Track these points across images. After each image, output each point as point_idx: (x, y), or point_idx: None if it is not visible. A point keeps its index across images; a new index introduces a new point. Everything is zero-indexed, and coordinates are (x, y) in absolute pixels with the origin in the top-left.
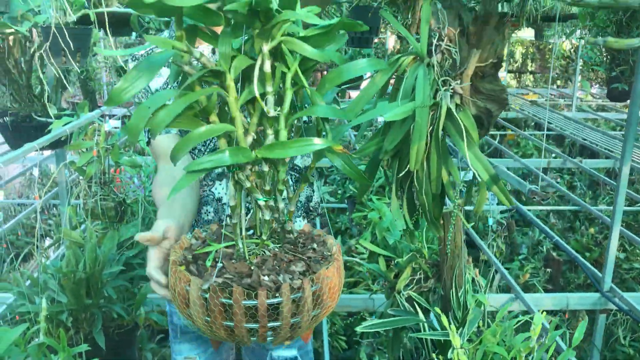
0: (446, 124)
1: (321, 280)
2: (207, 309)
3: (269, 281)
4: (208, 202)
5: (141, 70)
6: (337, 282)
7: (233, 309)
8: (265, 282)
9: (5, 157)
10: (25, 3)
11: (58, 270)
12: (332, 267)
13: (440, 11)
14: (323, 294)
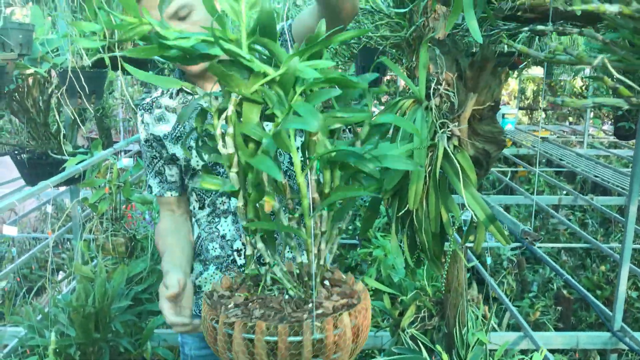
0: (444, 165)
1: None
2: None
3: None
4: (214, 239)
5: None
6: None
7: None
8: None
9: (21, 195)
10: (45, 46)
11: (68, 304)
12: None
13: (439, 56)
14: (346, 336)
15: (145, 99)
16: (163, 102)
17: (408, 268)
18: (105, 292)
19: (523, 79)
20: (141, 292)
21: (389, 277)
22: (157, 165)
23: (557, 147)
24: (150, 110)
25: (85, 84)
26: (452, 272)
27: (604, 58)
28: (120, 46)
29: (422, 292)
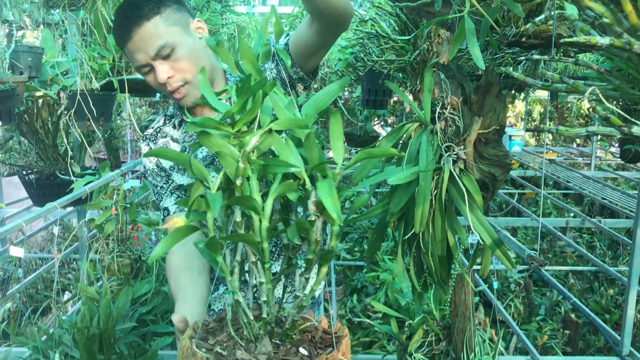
0: (450, 188)
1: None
2: None
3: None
4: None
5: None
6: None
7: None
8: None
9: (29, 216)
10: (54, 68)
11: (73, 325)
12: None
13: (444, 81)
14: None
15: (148, 128)
16: (167, 131)
17: (415, 292)
18: (110, 313)
19: (530, 101)
20: (146, 314)
21: (396, 300)
22: (174, 183)
23: (564, 169)
24: (155, 141)
25: (93, 107)
26: (459, 295)
27: (595, 88)
28: (128, 69)
29: (429, 316)
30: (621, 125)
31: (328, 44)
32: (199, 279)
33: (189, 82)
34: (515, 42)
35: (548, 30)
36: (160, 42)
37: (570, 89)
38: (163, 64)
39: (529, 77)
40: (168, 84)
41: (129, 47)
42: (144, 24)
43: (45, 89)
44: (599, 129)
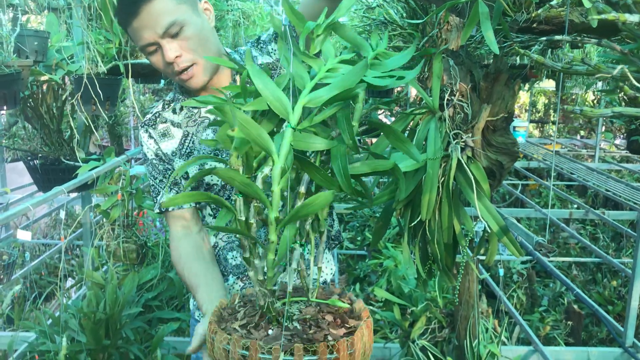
0: (457, 176)
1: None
2: None
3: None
4: (233, 248)
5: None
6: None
7: None
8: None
9: (34, 201)
10: (60, 53)
11: (79, 310)
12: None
13: (453, 67)
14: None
15: (147, 114)
16: (167, 116)
17: (419, 279)
18: (116, 299)
19: (534, 92)
20: (152, 299)
21: (399, 287)
22: (172, 178)
23: (568, 161)
24: (154, 126)
25: (100, 91)
26: (464, 284)
27: (624, 68)
28: (134, 54)
29: (432, 304)
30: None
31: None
32: (214, 268)
33: (196, 63)
34: (526, 27)
35: (560, 16)
36: (169, 19)
37: (592, 71)
38: (171, 43)
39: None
40: (175, 64)
41: (134, 25)
42: (152, 0)
43: (50, 74)
44: (627, 109)
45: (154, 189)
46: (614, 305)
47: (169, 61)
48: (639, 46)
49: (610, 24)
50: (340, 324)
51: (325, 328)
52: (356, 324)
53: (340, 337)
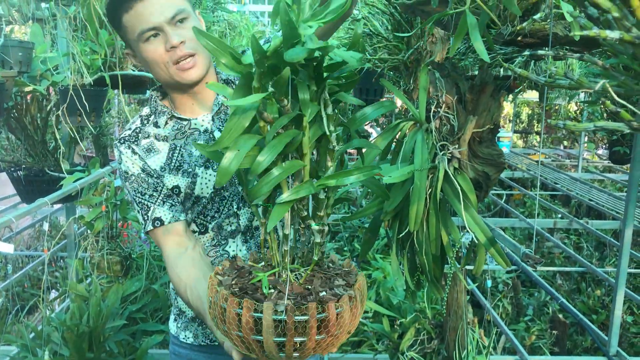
0: (444, 187)
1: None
2: (282, 330)
3: (331, 294)
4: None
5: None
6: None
7: (309, 324)
8: (327, 296)
9: (17, 213)
10: (45, 64)
11: (62, 323)
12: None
13: (439, 79)
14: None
15: (124, 130)
16: (149, 130)
17: (408, 290)
18: (99, 311)
19: (518, 103)
20: (136, 312)
21: (388, 299)
22: (164, 190)
23: (552, 171)
24: (137, 142)
25: (85, 102)
26: (452, 295)
27: (605, 83)
28: (120, 65)
29: (421, 315)
30: (630, 120)
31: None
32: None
33: (197, 54)
34: (511, 40)
35: (544, 29)
36: (180, 5)
37: (574, 85)
38: (175, 29)
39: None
40: (179, 49)
41: (138, 9)
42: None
43: (34, 85)
44: (608, 124)
45: (142, 205)
46: (598, 314)
47: (174, 45)
48: (620, 61)
49: (591, 38)
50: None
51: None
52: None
53: (329, 299)
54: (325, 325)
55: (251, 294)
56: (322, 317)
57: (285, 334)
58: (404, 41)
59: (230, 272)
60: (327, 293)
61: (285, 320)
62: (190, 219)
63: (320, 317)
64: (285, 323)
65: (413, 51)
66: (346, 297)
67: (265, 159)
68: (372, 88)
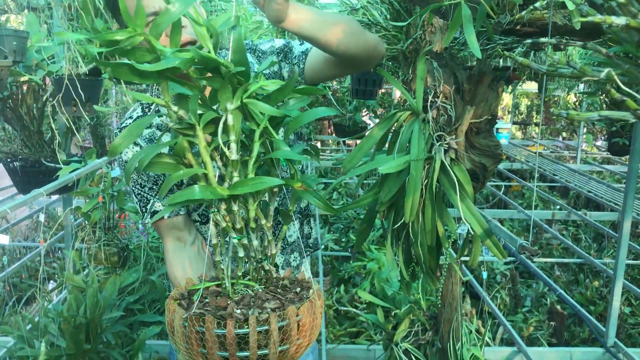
0: (441, 178)
1: (289, 317)
2: (186, 337)
3: (240, 314)
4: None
5: (132, 129)
6: (308, 321)
7: (205, 336)
8: (236, 314)
9: (14, 203)
10: (40, 53)
11: (59, 314)
12: (303, 307)
13: (436, 69)
14: (290, 330)
15: (125, 119)
16: (154, 120)
17: (403, 281)
18: (96, 303)
19: (517, 94)
20: (133, 303)
21: (382, 290)
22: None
23: (550, 162)
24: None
25: (81, 92)
26: (447, 286)
27: (610, 71)
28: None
29: (416, 306)
30: (636, 109)
31: (347, 74)
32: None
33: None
34: (510, 30)
35: (543, 18)
36: None
37: (577, 74)
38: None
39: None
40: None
41: None
42: None
43: (30, 74)
44: (613, 113)
45: (142, 197)
46: (595, 305)
47: None
48: (624, 49)
49: (592, 27)
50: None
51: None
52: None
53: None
54: (222, 343)
55: (188, 302)
56: (219, 333)
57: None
58: (403, 31)
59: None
60: (237, 312)
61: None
62: (192, 209)
63: (217, 333)
64: (187, 330)
65: (412, 41)
66: (253, 319)
67: (144, 158)
68: (370, 78)
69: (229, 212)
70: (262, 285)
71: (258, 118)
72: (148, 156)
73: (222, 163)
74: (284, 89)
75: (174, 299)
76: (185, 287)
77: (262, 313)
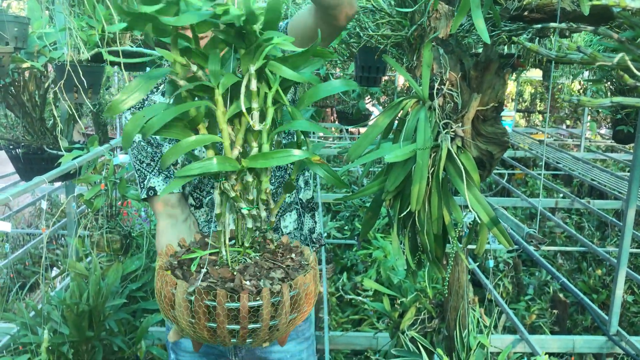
0: (447, 166)
1: (299, 286)
2: (191, 311)
3: (251, 285)
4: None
5: (139, 82)
6: (313, 288)
7: (216, 310)
8: (247, 286)
9: (16, 190)
10: (42, 39)
11: (62, 301)
12: (309, 275)
13: (442, 56)
14: (300, 299)
15: None
16: (155, 99)
17: (409, 270)
18: (99, 290)
19: (521, 82)
20: (136, 290)
21: (388, 278)
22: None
23: (554, 150)
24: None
25: (83, 78)
26: (453, 274)
27: (624, 56)
28: (117, 41)
29: (422, 294)
30: None
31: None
32: None
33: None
34: (517, 16)
35: (551, 4)
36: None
37: (588, 60)
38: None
39: (526, 54)
40: None
41: None
42: None
43: (32, 61)
44: (626, 99)
45: (140, 173)
46: (598, 293)
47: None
48: (636, 34)
49: (601, 13)
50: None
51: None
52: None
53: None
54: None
55: (182, 272)
56: (232, 306)
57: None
58: (408, 17)
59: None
60: (248, 284)
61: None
62: (188, 192)
63: (230, 306)
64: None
65: (417, 27)
66: (266, 291)
67: (157, 122)
68: (374, 65)
69: (241, 183)
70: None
71: (271, 81)
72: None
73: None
74: (305, 54)
75: (164, 269)
76: (167, 254)
77: (274, 284)
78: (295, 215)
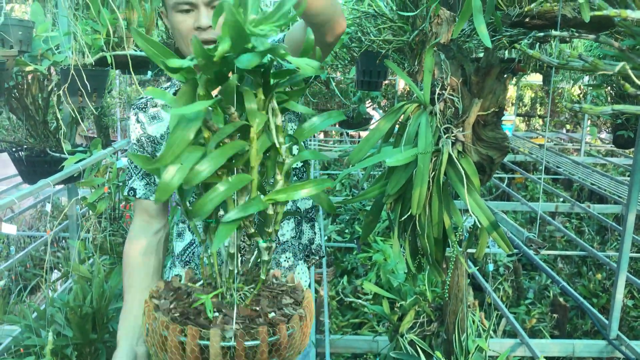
0: (448, 170)
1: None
2: (230, 357)
3: (279, 315)
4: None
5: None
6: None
7: (261, 348)
8: (278, 319)
9: (19, 194)
10: (46, 43)
11: (65, 304)
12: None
13: (444, 61)
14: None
15: (140, 98)
16: (159, 101)
17: (409, 273)
18: (102, 293)
19: (521, 86)
20: None
21: (388, 281)
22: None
23: (554, 155)
24: (145, 110)
25: (87, 82)
26: (453, 278)
27: (625, 65)
28: (122, 45)
29: (421, 298)
30: None
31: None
32: (152, 281)
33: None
34: (518, 22)
35: (552, 11)
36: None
37: (589, 67)
38: (209, 12)
39: (526, 59)
40: (205, 32)
41: None
42: None
43: (35, 64)
44: (627, 107)
45: (129, 172)
46: (598, 298)
47: (203, 26)
48: (637, 43)
49: (602, 20)
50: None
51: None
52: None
53: (280, 320)
54: (277, 349)
55: (194, 319)
56: (274, 340)
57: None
58: (409, 22)
59: (167, 295)
60: (276, 314)
61: (234, 346)
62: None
63: (272, 340)
64: (234, 350)
65: (418, 32)
66: (297, 317)
67: (205, 170)
68: (375, 70)
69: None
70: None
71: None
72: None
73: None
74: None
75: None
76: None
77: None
78: (292, 224)
